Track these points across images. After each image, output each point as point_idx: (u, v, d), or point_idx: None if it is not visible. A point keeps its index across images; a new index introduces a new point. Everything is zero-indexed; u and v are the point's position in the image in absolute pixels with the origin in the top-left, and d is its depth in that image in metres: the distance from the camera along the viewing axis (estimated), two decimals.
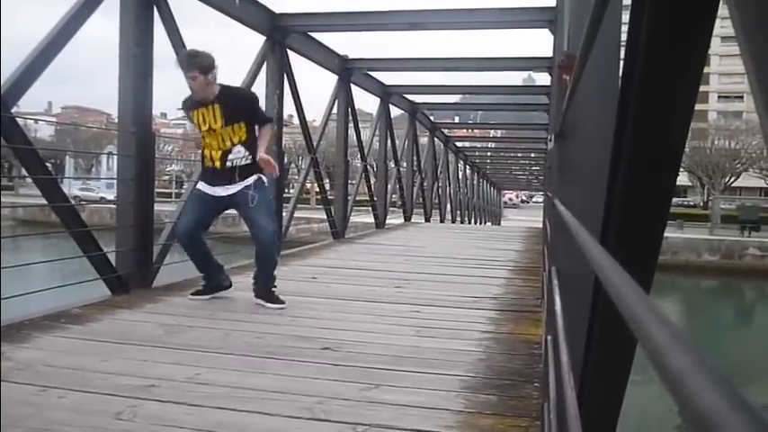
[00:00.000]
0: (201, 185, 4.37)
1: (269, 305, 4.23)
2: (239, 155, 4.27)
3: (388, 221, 12.64)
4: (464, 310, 4.40)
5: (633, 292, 0.38)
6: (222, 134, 4.25)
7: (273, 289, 4.35)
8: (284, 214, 7.70)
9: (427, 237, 10.84)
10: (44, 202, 4.23)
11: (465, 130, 28.79)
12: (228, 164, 4.26)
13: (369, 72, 10.66)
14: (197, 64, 4.13)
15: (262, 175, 4.34)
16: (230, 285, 4.53)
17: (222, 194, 4.29)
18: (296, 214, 8.91)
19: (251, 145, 4.29)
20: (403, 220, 14.36)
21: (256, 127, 4.35)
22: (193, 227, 4.34)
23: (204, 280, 4.47)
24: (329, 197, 10.07)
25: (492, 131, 40.20)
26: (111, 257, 4.59)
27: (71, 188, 31.02)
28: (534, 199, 67.93)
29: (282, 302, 4.27)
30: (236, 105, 4.29)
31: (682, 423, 8.37)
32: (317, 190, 10.31)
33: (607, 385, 1.10)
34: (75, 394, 2.45)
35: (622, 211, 0.94)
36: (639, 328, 0.32)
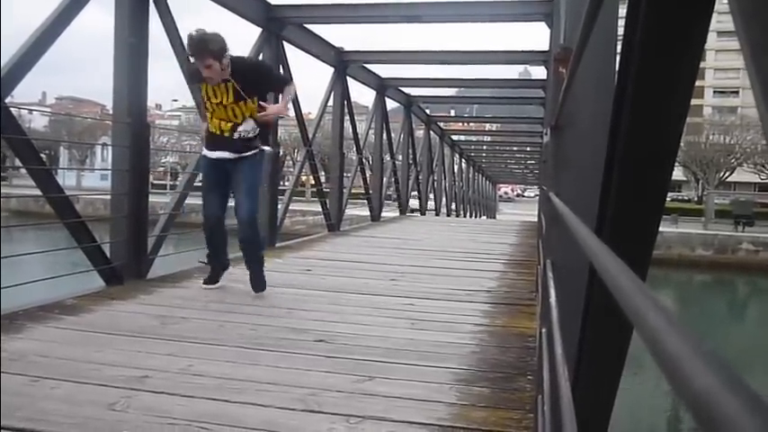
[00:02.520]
0: (207, 152, 4.33)
1: (254, 292, 4.32)
2: (248, 127, 4.25)
3: (383, 214, 12.64)
4: (458, 303, 4.41)
5: (629, 278, 0.38)
6: (234, 108, 4.21)
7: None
8: (279, 206, 7.69)
9: (422, 230, 10.85)
10: (38, 192, 4.21)
11: (461, 124, 28.78)
12: (236, 135, 4.23)
13: (365, 65, 10.64)
14: (210, 51, 3.99)
15: (264, 148, 4.35)
16: (228, 265, 4.59)
17: (227, 157, 4.25)
18: (291, 207, 8.90)
19: (256, 119, 4.29)
20: (398, 214, 14.37)
21: (269, 96, 4.38)
22: (219, 206, 4.33)
23: (212, 263, 4.50)
24: (324, 190, 10.06)
25: (488, 125, 40.16)
26: (106, 249, 4.58)
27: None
28: (527, 193, 68.00)
29: (262, 289, 4.35)
30: (250, 81, 4.22)
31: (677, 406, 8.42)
32: (313, 182, 10.29)
33: (601, 376, 1.11)
34: (68, 385, 2.45)
35: (618, 205, 0.94)
36: (635, 314, 0.32)
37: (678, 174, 48.92)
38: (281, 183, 10.84)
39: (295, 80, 7.66)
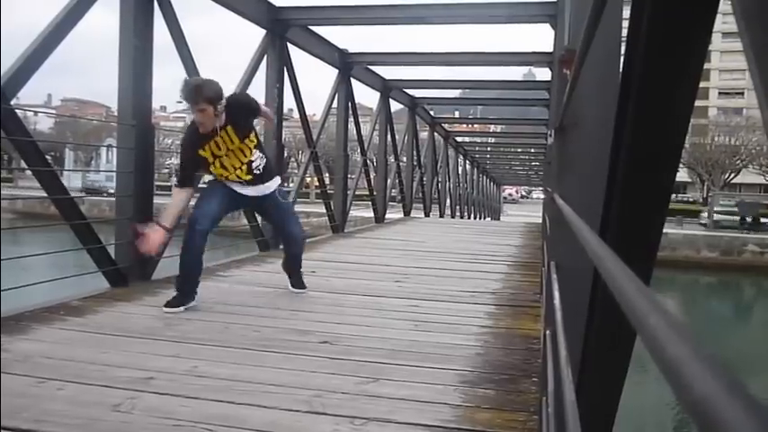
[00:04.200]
0: (229, 183, 4.19)
1: (293, 289, 4.50)
2: (258, 159, 4.19)
3: (387, 216, 12.64)
4: (462, 304, 4.40)
5: (632, 283, 0.38)
6: (242, 148, 4.11)
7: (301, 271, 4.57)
8: None
9: (426, 231, 10.84)
10: (44, 194, 4.22)
11: (465, 125, 28.76)
12: (256, 171, 4.17)
13: (369, 66, 10.64)
14: (205, 96, 3.86)
15: (278, 179, 4.39)
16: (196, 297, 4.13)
17: (252, 195, 4.22)
18: (295, 208, 8.90)
19: (260, 145, 4.26)
20: (402, 215, 14.36)
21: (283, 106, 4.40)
22: (215, 215, 4.15)
23: (182, 286, 4.06)
24: (329, 191, 10.06)
25: (492, 126, 40.14)
26: (111, 250, 4.59)
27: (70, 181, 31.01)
28: (532, 195, 67.95)
29: (305, 286, 4.53)
30: (243, 118, 4.15)
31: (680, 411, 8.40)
32: (317, 184, 10.29)
33: (605, 379, 1.11)
34: (73, 386, 2.45)
35: (622, 206, 0.94)
36: (638, 318, 0.32)
37: (683, 175, 48.84)
38: (286, 184, 10.84)
39: (299, 81, 7.75)
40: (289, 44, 7.44)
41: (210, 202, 4.13)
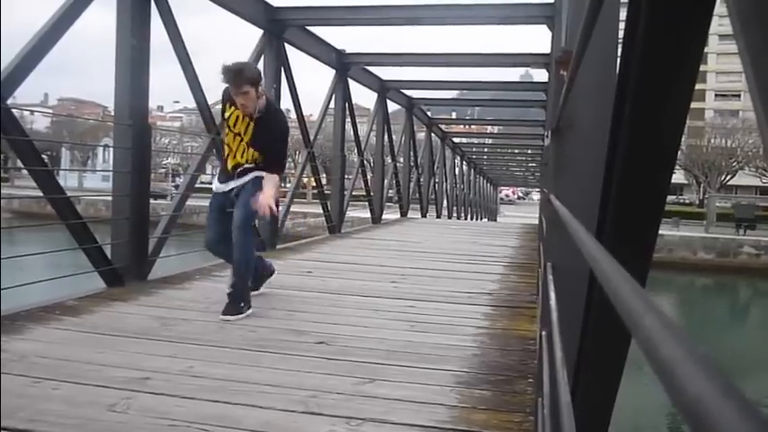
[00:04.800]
0: (215, 185, 4.21)
1: (229, 317, 3.78)
2: (249, 167, 4.11)
3: (384, 216, 12.64)
4: (459, 305, 4.41)
5: (627, 284, 0.38)
6: (244, 148, 4.08)
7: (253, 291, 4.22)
8: (281, 208, 7.69)
9: (423, 232, 10.85)
10: (40, 194, 4.21)
11: (462, 126, 28.77)
12: (239, 169, 4.11)
13: (366, 67, 10.64)
14: (247, 78, 3.87)
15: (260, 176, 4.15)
16: (274, 271, 4.51)
17: (227, 189, 4.15)
18: (292, 208, 8.91)
19: (260, 166, 4.14)
20: (399, 216, 14.36)
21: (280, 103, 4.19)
22: (220, 238, 4.12)
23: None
24: (326, 192, 10.06)
25: (489, 127, 40.21)
26: (107, 250, 4.59)
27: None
28: (532, 196, 68.02)
29: (249, 309, 3.93)
30: (267, 132, 4.08)
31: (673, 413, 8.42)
32: (314, 184, 10.29)
33: (601, 380, 1.11)
34: (69, 386, 2.45)
35: (618, 208, 0.94)
36: (632, 320, 0.32)
37: (680, 177, 48.93)
38: (282, 185, 10.84)
39: (297, 82, 7.75)
40: (286, 44, 7.43)
41: (210, 227, 4.15)
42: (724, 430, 0.19)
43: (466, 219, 25.71)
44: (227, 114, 4.09)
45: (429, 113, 17.56)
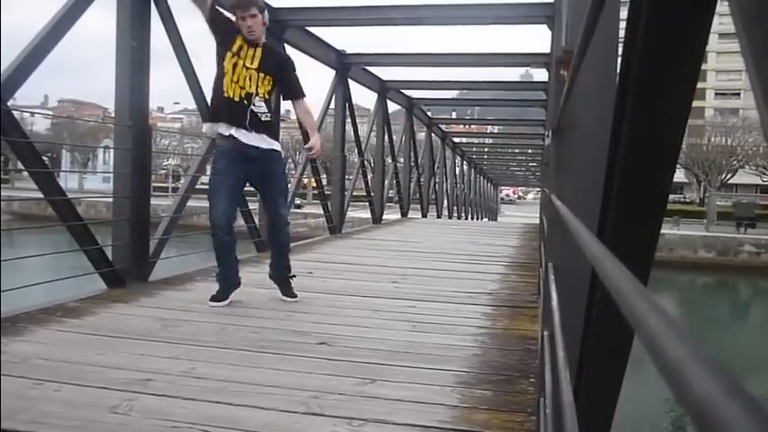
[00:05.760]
0: (225, 129, 4.00)
1: (283, 297, 4.26)
2: (261, 109, 4.06)
3: (384, 217, 12.64)
4: (460, 305, 4.41)
5: (630, 283, 0.38)
6: (254, 75, 4.03)
7: (291, 278, 4.34)
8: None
9: (424, 232, 10.85)
10: (40, 195, 4.21)
11: (462, 126, 28.77)
12: (252, 107, 4.01)
13: (366, 67, 10.65)
14: (254, 1, 3.99)
15: (279, 148, 4.20)
16: (239, 283, 4.24)
17: (250, 143, 3.99)
18: (292, 209, 8.90)
19: (270, 107, 4.15)
20: (400, 216, 14.36)
21: (281, 105, 4.23)
22: (233, 211, 4.12)
23: (221, 280, 4.12)
24: (326, 192, 10.06)
25: (489, 127, 40.21)
26: (108, 251, 4.59)
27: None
28: (529, 196, 68.08)
29: (295, 296, 4.28)
30: (275, 60, 4.15)
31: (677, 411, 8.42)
32: (314, 185, 10.29)
33: (603, 379, 1.11)
34: (70, 388, 2.45)
35: (619, 207, 0.94)
36: (636, 319, 0.32)
37: (680, 176, 48.90)
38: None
39: None
40: (286, 45, 7.43)
41: (219, 198, 4.00)
42: (731, 429, 0.19)
43: (466, 219, 25.71)
44: (229, 45, 4.04)
45: (429, 113, 17.57)
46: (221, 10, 4.18)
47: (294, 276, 4.39)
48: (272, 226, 4.37)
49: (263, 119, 4.05)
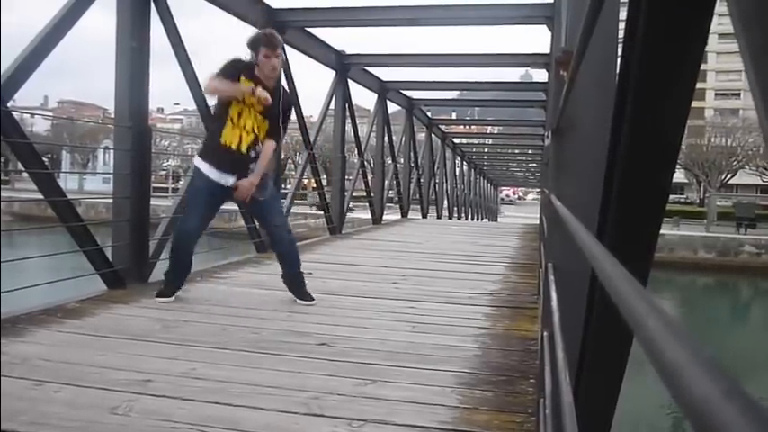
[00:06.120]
0: (209, 171, 4.06)
1: (300, 301, 4.25)
2: (259, 149, 4.13)
3: (384, 217, 12.64)
4: (460, 306, 4.41)
5: (629, 284, 0.38)
6: (257, 119, 4.06)
7: (305, 282, 4.38)
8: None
9: (424, 233, 10.85)
10: (40, 196, 4.21)
11: (462, 127, 28.78)
12: (252, 153, 4.09)
13: (366, 68, 10.65)
14: (281, 43, 4.06)
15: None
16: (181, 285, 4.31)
17: (228, 184, 4.08)
18: (293, 210, 8.90)
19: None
20: (400, 216, 14.36)
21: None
22: (201, 229, 4.20)
23: (170, 280, 4.23)
24: (326, 193, 10.06)
25: (489, 128, 40.22)
26: (108, 252, 4.58)
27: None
28: (529, 196, 68.11)
29: (312, 298, 4.28)
30: (280, 101, 4.13)
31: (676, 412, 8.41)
32: (314, 186, 10.29)
33: (603, 380, 1.11)
34: (70, 388, 2.45)
35: (619, 208, 0.94)
36: (635, 320, 0.32)
37: (680, 176, 48.92)
38: (283, 186, 10.85)
39: (297, 83, 7.74)
40: (286, 46, 7.43)
41: (194, 213, 4.15)
42: (730, 431, 0.19)
43: (466, 219, 25.71)
44: (244, 83, 4.03)
45: (429, 114, 17.57)
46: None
47: (310, 273, 4.48)
48: (271, 237, 4.44)
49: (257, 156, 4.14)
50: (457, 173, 24.79)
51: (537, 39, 9.54)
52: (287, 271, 4.36)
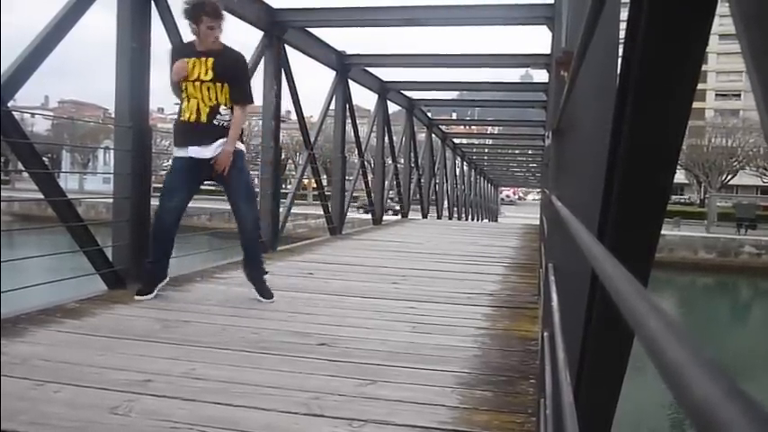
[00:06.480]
0: (179, 151, 4.13)
1: (260, 298, 4.23)
2: (226, 116, 4.12)
3: (385, 218, 12.64)
4: (460, 306, 4.41)
5: (630, 284, 0.38)
6: (210, 88, 4.08)
7: (265, 276, 4.32)
8: (281, 210, 7.68)
9: (424, 233, 10.84)
10: (40, 196, 4.21)
11: (462, 127, 28.76)
12: (216, 122, 4.10)
13: (366, 68, 10.65)
14: (221, 14, 4.04)
15: (239, 147, 4.20)
16: (166, 276, 4.33)
17: (207, 156, 4.09)
18: (293, 210, 8.90)
19: (232, 109, 4.17)
20: (400, 217, 14.36)
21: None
22: (182, 207, 4.20)
23: (150, 272, 4.23)
24: (326, 193, 10.06)
25: (489, 128, 40.23)
26: (108, 252, 4.58)
27: None
28: (530, 197, 68.11)
29: (272, 296, 4.25)
30: (229, 64, 4.13)
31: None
32: (314, 186, 10.30)
33: (603, 380, 1.11)
34: (70, 388, 2.45)
35: (620, 208, 0.94)
36: (636, 320, 0.32)
37: (681, 177, 48.93)
38: (283, 186, 10.85)
39: (297, 83, 7.75)
40: (286, 46, 7.44)
41: (172, 193, 4.16)
42: (732, 431, 0.19)
43: (467, 219, 25.71)
44: (189, 64, 4.09)
45: (429, 114, 17.56)
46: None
47: (267, 273, 4.38)
48: (237, 224, 4.34)
49: (227, 125, 4.13)
50: (457, 173, 24.78)
51: (537, 39, 9.54)
52: (246, 262, 4.34)
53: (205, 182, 4.32)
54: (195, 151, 4.10)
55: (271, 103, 7.15)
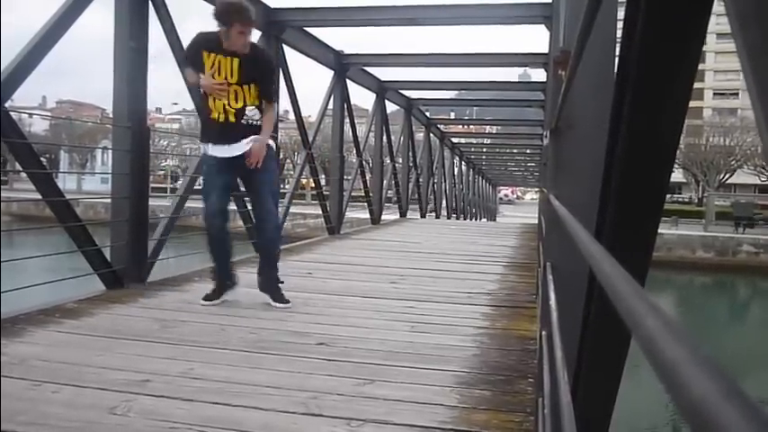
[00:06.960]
0: (211, 149, 4.06)
1: (275, 303, 4.11)
2: (255, 115, 4.06)
3: (383, 217, 12.63)
4: (459, 305, 4.41)
5: (627, 284, 0.38)
6: (237, 90, 4.00)
7: (280, 284, 4.22)
8: (279, 209, 7.67)
9: (422, 232, 10.84)
10: (38, 196, 4.21)
11: (461, 126, 28.77)
12: (244, 121, 4.03)
13: (364, 67, 10.65)
14: (253, 21, 3.97)
15: (270, 142, 4.15)
16: (235, 283, 4.24)
17: (237, 154, 4.02)
18: (291, 210, 8.90)
19: (260, 108, 4.11)
20: (398, 216, 14.36)
21: (279, 106, 4.15)
22: (224, 207, 4.12)
23: (216, 278, 4.18)
24: (324, 192, 10.06)
25: (487, 127, 40.22)
26: (106, 252, 4.58)
27: None
28: (528, 196, 68.17)
29: (288, 301, 4.12)
30: (256, 66, 4.06)
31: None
32: (313, 185, 10.30)
33: (601, 379, 1.11)
34: (69, 389, 2.45)
35: (617, 207, 0.94)
36: (633, 319, 0.32)
37: (678, 176, 48.96)
38: (282, 185, 10.84)
39: (295, 83, 7.74)
40: (284, 45, 7.43)
41: (211, 193, 4.07)
42: (728, 431, 0.19)
43: (465, 219, 25.71)
44: (205, 63, 4.00)
45: (427, 114, 17.56)
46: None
47: (282, 282, 4.26)
48: (258, 222, 4.29)
49: (257, 123, 4.07)
50: (455, 172, 24.79)
51: (535, 38, 9.54)
52: (263, 268, 4.23)
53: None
54: (225, 150, 4.03)
55: None
